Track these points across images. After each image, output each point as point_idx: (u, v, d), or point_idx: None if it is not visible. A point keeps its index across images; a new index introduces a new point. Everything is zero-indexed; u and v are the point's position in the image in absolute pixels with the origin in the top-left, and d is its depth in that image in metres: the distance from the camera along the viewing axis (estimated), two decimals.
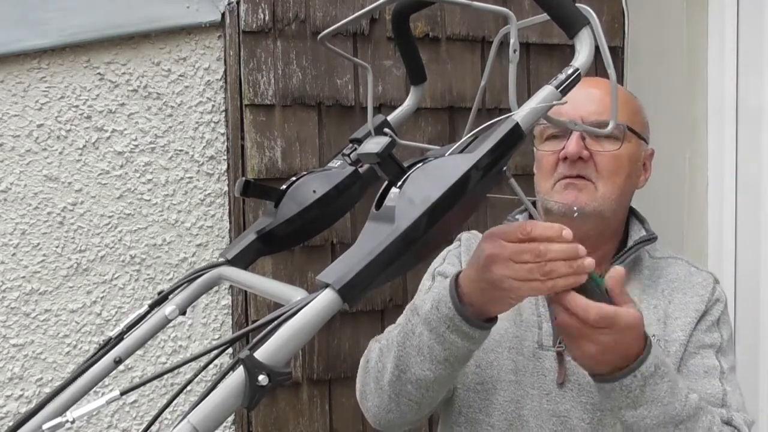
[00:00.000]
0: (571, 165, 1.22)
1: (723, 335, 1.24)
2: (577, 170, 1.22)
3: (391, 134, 0.84)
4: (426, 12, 2.02)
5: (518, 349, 1.23)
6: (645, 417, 1.03)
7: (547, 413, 1.20)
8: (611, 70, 0.91)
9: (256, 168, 1.91)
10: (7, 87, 1.80)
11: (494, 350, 1.24)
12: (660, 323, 1.22)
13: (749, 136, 1.99)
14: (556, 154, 1.24)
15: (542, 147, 1.28)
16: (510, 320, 1.25)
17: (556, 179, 1.24)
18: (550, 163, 1.25)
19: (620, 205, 1.27)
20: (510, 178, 0.89)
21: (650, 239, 1.29)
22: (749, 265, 1.98)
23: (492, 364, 1.24)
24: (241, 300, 1.94)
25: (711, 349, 1.22)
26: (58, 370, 1.86)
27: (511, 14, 0.87)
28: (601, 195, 1.22)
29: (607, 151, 1.22)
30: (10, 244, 1.81)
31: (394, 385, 1.12)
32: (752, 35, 1.97)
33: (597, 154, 1.22)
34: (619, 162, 1.23)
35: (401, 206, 0.81)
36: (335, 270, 0.78)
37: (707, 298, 1.25)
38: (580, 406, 1.19)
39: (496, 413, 1.23)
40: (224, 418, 0.72)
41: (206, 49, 1.94)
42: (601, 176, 1.22)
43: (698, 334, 1.23)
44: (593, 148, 1.22)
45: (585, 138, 1.22)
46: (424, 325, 1.05)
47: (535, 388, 1.21)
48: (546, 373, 1.21)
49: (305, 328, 0.75)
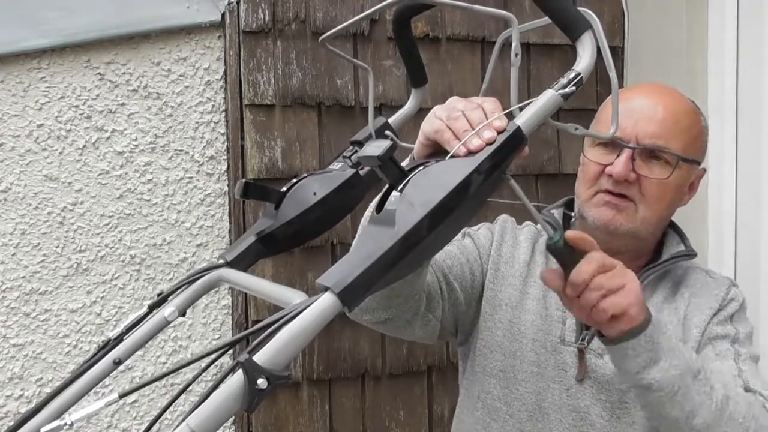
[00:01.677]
0: (616, 184, 1.18)
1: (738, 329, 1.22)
2: (621, 189, 1.18)
3: (392, 137, 0.84)
4: (426, 12, 2.01)
5: (542, 342, 1.24)
6: (669, 368, 1.00)
7: (567, 408, 1.21)
8: (613, 74, 0.91)
9: (256, 168, 1.91)
10: (7, 87, 1.79)
11: (518, 340, 1.25)
12: (680, 325, 1.22)
13: (749, 135, 1.99)
14: (603, 166, 1.20)
15: (589, 153, 1.23)
16: (536, 313, 1.25)
17: (596, 190, 1.21)
18: (594, 173, 1.21)
19: (659, 227, 1.25)
20: (510, 179, 0.89)
21: (688, 255, 1.26)
22: (749, 265, 1.99)
23: (515, 354, 1.24)
24: (241, 300, 1.94)
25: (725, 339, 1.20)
26: (58, 370, 1.86)
27: (513, 18, 0.87)
28: (641, 218, 1.19)
29: (655, 177, 1.18)
30: (10, 244, 1.81)
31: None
32: (752, 35, 1.97)
33: (644, 179, 1.18)
34: (666, 189, 1.19)
35: (402, 210, 0.80)
36: (335, 273, 0.78)
37: (722, 297, 1.24)
38: (599, 403, 1.19)
39: (516, 403, 1.24)
40: (223, 421, 0.72)
41: (206, 49, 1.94)
42: (644, 199, 1.18)
43: (711, 326, 1.21)
44: (641, 171, 1.18)
45: (635, 159, 1.17)
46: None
47: (556, 382, 1.22)
48: (567, 369, 1.22)
49: (305, 331, 0.75)
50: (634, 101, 1.20)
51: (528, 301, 1.27)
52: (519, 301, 1.27)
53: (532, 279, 1.29)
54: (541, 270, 1.03)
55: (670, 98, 1.22)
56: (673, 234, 1.31)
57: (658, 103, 1.20)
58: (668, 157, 1.18)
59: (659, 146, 1.17)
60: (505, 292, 1.28)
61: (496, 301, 1.28)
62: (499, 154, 0.84)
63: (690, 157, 1.22)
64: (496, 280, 1.29)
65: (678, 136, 1.19)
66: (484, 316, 1.28)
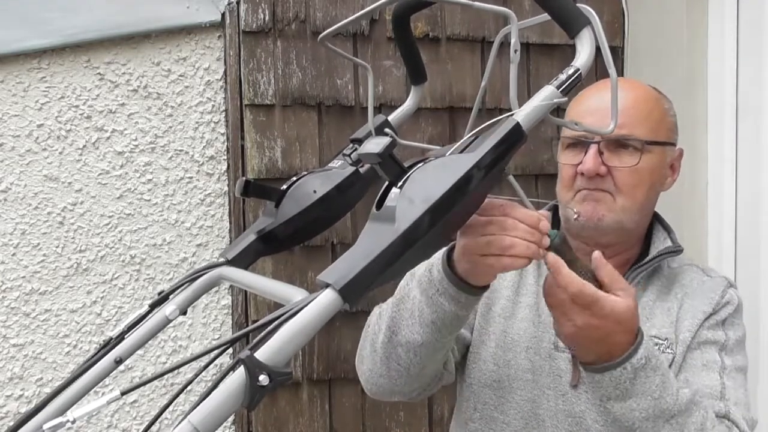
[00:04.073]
0: (589, 180, 1.20)
1: (729, 335, 1.23)
2: (596, 185, 1.20)
3: (391, 134, 0.84)
4: (426, 12, 2.02)
5: (536, 349, 1.23)
6: (634, 410, 1.03)
7: (563, 414, 1.20)
8: (612, 70, 0.91)
9: (256, 168, 1.91)
10: (7, 87, 1.80)
11: (512, 349, 1.24)
12: (672, 326, 1.22)
13: (749, 136, 1.99)
14: (575, 167, 1.21)
15: (561, 157, 1.25)
16: (529, 321, 1.25)
17: (575, 191, 1.22)
18: (569, 176, 1.23)
19: (643, 215, 1.25)
20: (509, 175, 0.89)
21: (675, 251, 1.27)
22: (749, 265, 1.98)
23: (509, 363, 1.24)
24: (241, 300, 1.94)
25: (713, 346, 1.21)
26: (58, 370, 1.86)
27: (512, 14, 0.87)
28: (621, 207, 1.20)
29: (625, 166, 1.19)
30: (10, 244, 1.81)
31: (386, 347, 1.13)
32: (752, 35, 1.97)
33: (615, 170, 1.19)
34: (640, 176, 1.20)
35: (402, 206, 0.80)
36: (336, 270, 0.78)
37: (716, 300, 1.24)
38: (595, 408, 1.19)
39: (512, 412, 1.23)
40: (225, 418, 0.71)
41: (206, 49, 1.94)
42: (620, 190, 1.19)
43: (702, 330, 1.22)
44: (611, 163, 1.19)
45: (603, 152, 1.19)
46: (417, 288, 1.06)
47: (551, 388, 1.22)
48: (561, 374, 1.22)
49: (306, 328, 0.75)
50: (591, 99, 1.22)
51: (520, 309, 1.27)
52: (512, 311, 1.27)
53: (524, 287, 1.28)
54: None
55: (627, 88, 1.23)
56: (660, 228, 1.31)
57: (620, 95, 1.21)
58: (634, 143, 1.19)
59: (622, 135, 1.18)
60: (499, 304, 1.28)
61: (489, 315, 1.28)
62: (499, 149, 0.84)
63: (657, 140, 1.23)
64: (491, 294, 1.29)
65: (641, 123, 1.20)
66: (478, 330, 1.28)
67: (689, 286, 1.27)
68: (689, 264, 1.31)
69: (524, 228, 0.90)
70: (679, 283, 1.27)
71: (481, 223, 0.92)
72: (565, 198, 1.25)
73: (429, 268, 1.04)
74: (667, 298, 1.26)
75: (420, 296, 1.05)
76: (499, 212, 0.91)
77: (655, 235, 1.30)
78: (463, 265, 0.98)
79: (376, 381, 1.19)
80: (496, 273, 0.96)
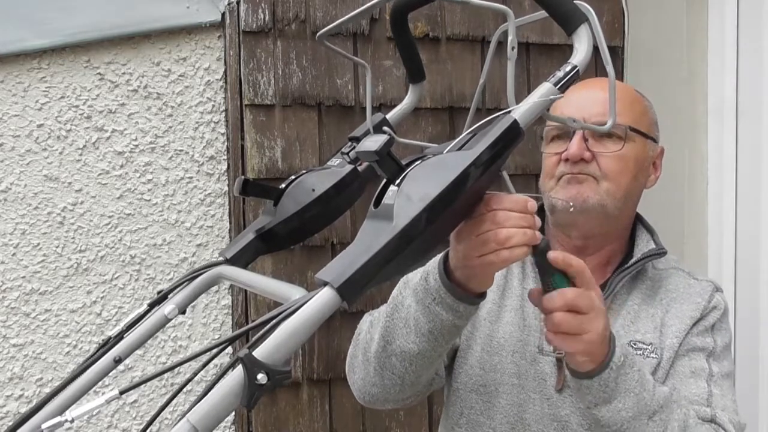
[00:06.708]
0: (573, 165, 1.21)
1: (717, 341, 1.23)
2: (580, 169, 1.21)
3: (389, 132, 0.84)
4: (426, 12, 2.02)
5: (521, 352, 1.23)
6: (620, 410, 1.04)
7: (549, 418, 1.20)
8: (609, 67, 0.91)
9: (256, 168, 1.91)
10: (7, 87, 1.80)
11: (498, 353, 1.24)
12: (656, 331, 1.22)
13: (749, 136, 1.99)
14: (559, 155, 1.23)
15: (547, 149, 1.27)
16: (515, 324, 1.25)
17: (558, 177, 1.23)
18: (553, 163, 1.24)
19: (626, 205, 1.25)
20: (502, 171, 0.89)
21: (659, 253, 1.27)
22: (749, 266, 1.98)
23: (495, 367, 1.24)
24: (241, 300, 1.94)
25: (701, 353, 1.21)
26: (58, 370, 1.86)
27: (510, 11, 0.87)
28: (605, 190, 1.21)
29: (609, 151, 1.21)
30: (10, 244, 1.81)
31: (379, 356, 1.13)
32: (752, 35, 1.97)
33: (600, 155, 1.21)
34: (624, 162, 1.22)
35: (400, 204, 0.80)
36: (334, 268, 0.78)
37: (703, 305, 1.24)
38: (579, 411, 1.19)
39: (498, 416, 1.23)
40: (224, 416, 0.71)
41: (206, 49, 1.94)
42: (605, 175, 1.21)
43: (690, 337, 1.22)
44: (595, 149, 1.21)
45: (587, 139, 1.21)
46: (413, 297, 1.06)
47: (536, 392, 1.21)
48: (546, 378, 1.21)
49: (304, 326, 0.75)
50: (574, 94, 1.23)
51: (505, 312, 1.26)
52: (497, 314, 1.27)
53: (509, 291, 1.28)
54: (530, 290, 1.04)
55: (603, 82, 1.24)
56: (643, 230, 1.32)
57: (598, 89, 1.23)
58: (618, 131, 1.20)
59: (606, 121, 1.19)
60: (485, 308, 1.27)
61: (476, 319, 1.27)
62: (497, 146, 0.84)
63: (640, 129, 1.24)
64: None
65: (623, 111, 1.21)
66: (465, 334, 1.28)
67: (675, 291, 1.26)
68: (675, 268, 1.31)
69: (516, 215, 0.90)
70: (664, 287, 1.27)
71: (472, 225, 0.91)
72: (547, 186, 1.25)
73: (425, 277, 1.03)
74: (652, 303, 1.25)
75: (415, 305, 1.05)
76: (487, 209, 0.91)
77: (638, 237, 1.30)
78: (461, 271, 0.97)
79: (369, 390, 1.19)
80: (497, 270, 0.96)
